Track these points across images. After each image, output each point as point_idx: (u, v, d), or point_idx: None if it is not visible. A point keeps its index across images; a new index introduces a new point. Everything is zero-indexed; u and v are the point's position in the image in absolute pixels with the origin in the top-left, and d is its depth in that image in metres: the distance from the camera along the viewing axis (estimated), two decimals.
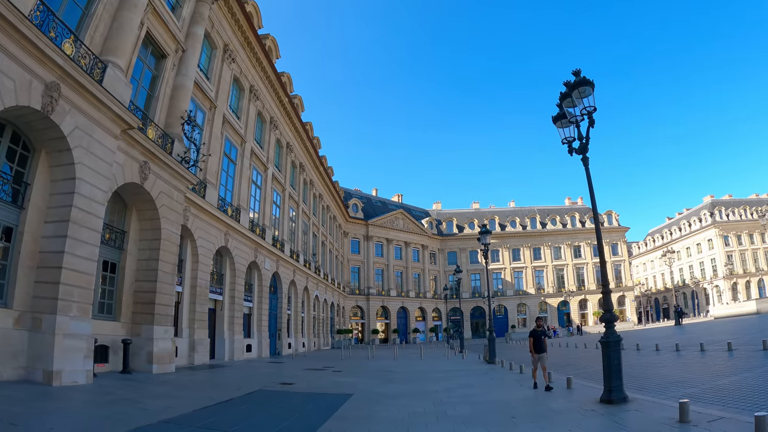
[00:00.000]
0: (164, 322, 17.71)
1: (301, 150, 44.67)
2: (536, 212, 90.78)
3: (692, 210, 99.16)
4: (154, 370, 16.58)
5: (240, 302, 26.92)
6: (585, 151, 10.70)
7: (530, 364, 13.40)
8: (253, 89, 31.26)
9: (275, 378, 16.67)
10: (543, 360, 12.44)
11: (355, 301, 72.27)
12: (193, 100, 23.33)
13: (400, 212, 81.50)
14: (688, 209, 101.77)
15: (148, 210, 18.24)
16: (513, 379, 14.98)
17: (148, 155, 17.46)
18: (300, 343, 39.83)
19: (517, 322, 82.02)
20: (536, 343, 12.70)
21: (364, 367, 22.70)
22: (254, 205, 31.15)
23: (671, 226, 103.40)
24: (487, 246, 24.33)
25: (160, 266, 17.80)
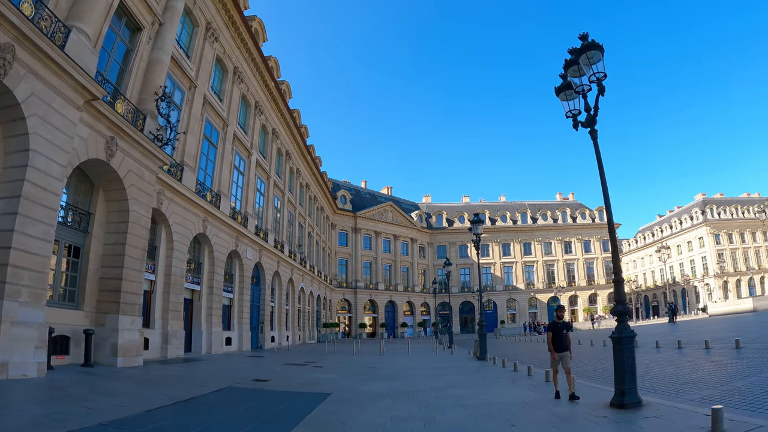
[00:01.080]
0: (131, 312, 16.41)
1: (288, 137, 43.25)
2: (527, 207, 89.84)
3: (684, 208, 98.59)
4: (118, 363, 15.30)
5: (219, 293, 25.60)
6: (593, 123, 9.51)
7: (527, 362, 12.15)
8: (237, 71, 29.85)
9: (250, 374, 15.42)
10: (566, 361, 10.14)
11: (343, 294, 71.01)
12: (171, 77, 21.99)
13: (389, 204, 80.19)
14: (680, 207, 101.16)
15: (115, 190, 16.92)
16: (507, 378, 13.72)
17: (115, 130, 16.13)
18: (284, 336, 38.53)
19: (506, 318, 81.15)
20: (556, 338, 10.33)
21: (348, 363, 21.46)
22: (236, 192, 29.78)
23: (662, 224, 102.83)
24: (478, 236, 23.10)
25: (127, 251, 16.48)
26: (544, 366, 17.89)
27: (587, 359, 19.89)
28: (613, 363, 8.46)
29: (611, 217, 9.08)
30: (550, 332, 10.41)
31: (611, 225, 9.15)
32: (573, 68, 9.96)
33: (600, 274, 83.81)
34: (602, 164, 9.38)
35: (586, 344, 28.72)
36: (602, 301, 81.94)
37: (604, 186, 9.24)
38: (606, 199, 9.18)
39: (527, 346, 35.27)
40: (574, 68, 9.92)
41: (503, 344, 40.56)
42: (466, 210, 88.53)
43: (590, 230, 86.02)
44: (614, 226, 9.17)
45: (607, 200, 9.16)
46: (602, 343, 26.72)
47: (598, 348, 24.84)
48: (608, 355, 20.79)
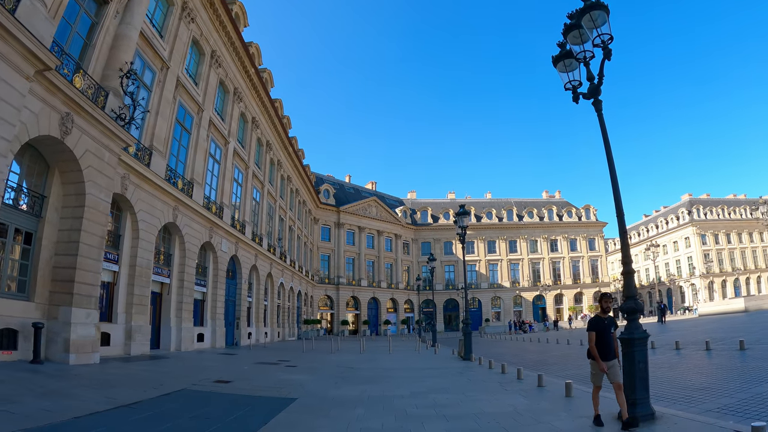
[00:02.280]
0: (86, 304, 14.99)
1: (269, 127, 41.74)
2: (513, 204, 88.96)
3: (670, 208, 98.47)
4: (71, 360, 13.93)
5: (190, 286, 24.19)
6: (597, 93, 8.36)
7: (515, 362, 10.84)
8: (215, 55, 28.37)
9: (214, 373, 14.11)
10: (615, 373, 6.95)
11: (325, 290, 69.59)
12: (141, 56, 20.58)
13: (373, 200, 78.80)
14: (666, 207, 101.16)
15: (71, 172, 15.50)
16: (495, 381, 12.48)
17: (71, 106, 14.72)
18: (262, 333, 37.11)
19: (491, 316, 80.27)
20: (602, 340, 7.17)
21: (324, 362, 20.18)
22: (211, 181, 28.31)
23: (648, 224, 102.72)
24: (464, 230, 21.88)
25: (82, 238, 15.06)
26: (533, 368, 16.66)
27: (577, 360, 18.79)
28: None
29: (619, 198, 7.90)
30: (594, 331, 7.22)
31: (619, 208, 7.96)
32: (573, 33, 8.76)
33: (586, 273, 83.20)
34: (608, 140, 8.23)
35: (575, 344, 27.69)
36: (588, 300, 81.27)
37: (611, 164, 8.08)
38: (613, 177, 8.02)
39: (513, 345, 34.21)
40: (575, 33, 8.73)
41: (488, 343, 39.52)
42: (451, 206, 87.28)
43: (576, 228, 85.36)
44: (622, 210, 7.98)
45: (615, 179, 8.00)
46: None
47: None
48: None
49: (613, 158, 8.03)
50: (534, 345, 31.29)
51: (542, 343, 31.77)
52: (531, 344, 32.52)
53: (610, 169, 8.02)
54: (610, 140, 8.17)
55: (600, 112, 8.31)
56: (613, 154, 8.06)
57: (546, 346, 29.04)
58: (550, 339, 35.31)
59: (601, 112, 8.30)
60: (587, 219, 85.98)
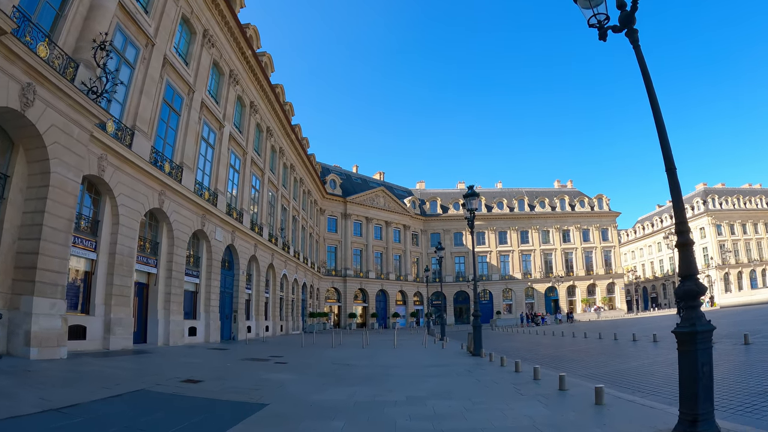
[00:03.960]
0: (51, 294, 13.53)
1: (269, 113, 40.06)
2: (524, 194, 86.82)
3: (684, 198, 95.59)
4: (32, 354, 12.53)
5: (180, 277, 22.67)
6: (631, 22, 6.64)
7: (528, 359, 9.17)
8: (207, 34, 26.72)
9: (189, 371, 12.55)
10: None
11: (332, 282, 68.00)
12: (123, 32, 19.09)
13: (381, 190, 76.99)
14: None
15: (36, 149, 14.04)
16: (507, 382, 10.70)
17: (33, 75, 13.25)
18: (262, 326, 35.60)
19: (502, 308, 78.42)
20: None
21: (319, 358, 18.55)
22: (204, 166, 26.72)
23: (662, 214, 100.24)
24: (472, 213, 20.14)
25: (46, 220, 13.58)
26: (550, 365, 14.90)
27: (599, 357, 17.09)
28: (650, 368, 5.55)
29: (668, 146, 6.20)
30: None
31: (668, 158, 6.25)
32: None
33: (599, 264, 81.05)
34: (649, 76, 6.52)
35: (592, 337, 25.94)
36: (601, 291, 79.28)
37: (655, 106, 6.38)
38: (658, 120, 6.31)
39: (526, 338, 32.43)
40: None
41: (499, 336, 37.75)
42: (461, 196, 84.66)
43: (589, 218, 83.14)
44: (672, 160, 6.27)
45: (660, 122, 6.30)
46: (612, 336, 23.92)
47: (608, 342, 21.94)
48: (624, 352, 17.62)
49: (657, 99, 6.34)
50: (548, 338, 29.53)
51: (557, 337, 30.01)
52: (545, 338, 30.74)
53: (654, 112, 6.34)
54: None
55: (636, 44, 6.60)
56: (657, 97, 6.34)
57: (561, 339, 27.28)
58: (566, 332, 33.58)
59: (637, 44, 6.58)
60: (600, 209, 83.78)
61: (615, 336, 23.56)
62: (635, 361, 13.60)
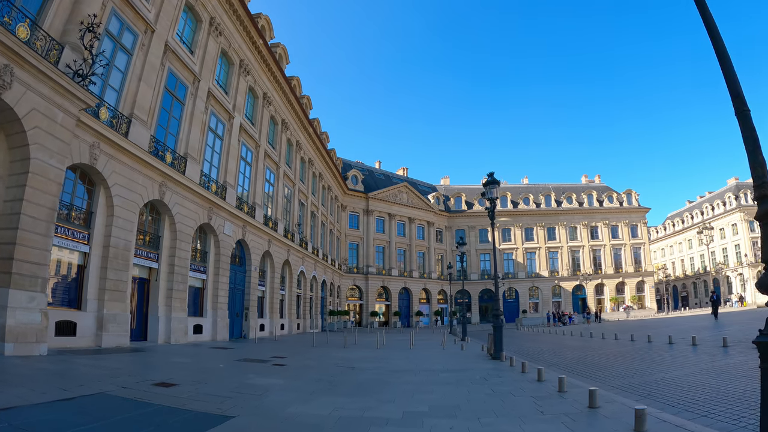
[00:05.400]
0: (29, 286, 12.68)
1: (284, 105, 39.03)
2: (551, 189, 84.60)
3: (715, 193, 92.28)
4: (7, 350, 11.74)
5: (183, 272, 21.73)
6: None
7: (554, 363, 7.98)
8: (214, 22, 25.77)
9: (170, 373, 11.49)
10: None
11: (353, 280, 66.90)
12: (119, 17, 18.24)
13: (404, 186, 75.62)
14: (711, 192, 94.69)
15: (16, 134, 13.19)
16: (527, 395, 9.20)
17: (11, 56, 12.40)
18: (277, 324, 34.61)
19: (528, 307, 76.50)
20: None
21: (324, 360, 17.31)
22: (211, 157, 25.75)
23: (693, 210, 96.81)
24: (493, 202, 18.62)
25: (24, 208, 12.71)
26: (577, 372, 13.56)
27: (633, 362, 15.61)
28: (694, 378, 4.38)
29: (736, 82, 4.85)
30: None
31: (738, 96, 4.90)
32: None
33: (628, 262, 78.43)
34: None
35: (623, 339, 24.28)
36: (630, 290, 76.76)
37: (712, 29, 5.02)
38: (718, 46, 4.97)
39: (552, 339, 30.78)
40: None
41: (524, 337, 36.12)
42: None
43: (618, 214, 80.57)
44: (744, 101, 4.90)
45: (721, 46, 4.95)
46: (645, 339, 22.27)
47: (641, 345, 20.21)
48: (660, 357, 15.76)
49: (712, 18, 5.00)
50: (575, 340, 27.87)
51: (585, 338, 28.31)
52: (572, 339, 29.08)
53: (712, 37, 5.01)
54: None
55: None
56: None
57: (590, 341, 25.62)
58: (594, 332, 31.88)
59: None
60: (629, 204, 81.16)
61: (649, 338, 21.88)
62: (676, 370, 12.06)
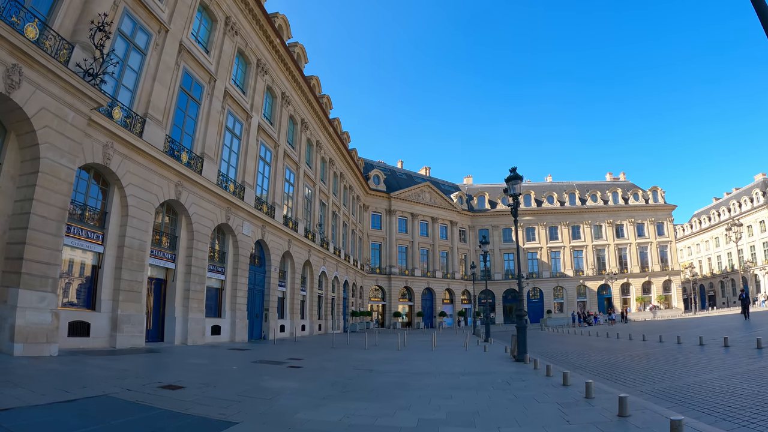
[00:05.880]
0: (39, 286, 12.62)
1: (303, 104, 38.79)
2: (575, 187, 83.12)
3: (743, 189, 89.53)
4: (16, 350, 11.69)
5: (201, 273, 21.59)
6: None
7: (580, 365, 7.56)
8: (229, 22, 25.57)
9: (179, 375, 11.26)
10: None
11: (376, 280, 66.47)
12: (132, 17, 18.19)
13: (426, 185, 74.96)
14: (738, 189, 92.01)
15: (26, 134, 13.19)
16: (552, 401, 8.62)
17: (19, 56, 12.39)
18: (298, 325, 34.41)
19: (553, 307, 75.35)
20: None
21: (342, 361, 16.95)
22: (229, 157, 25.59)
23: (719, 207, 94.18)
24: (516, 199, 18.09)
25: (34, 208, 12.69)
26: (605, 375, 13.00)
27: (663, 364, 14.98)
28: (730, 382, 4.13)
29: None
30: None
31: None
32: None
33: (654, 261, 76.52)
34: None
35: (651, 340, 23.54)
36: (656, 289, 75.03)
37: None
38: None
39: (577, 340, 30.03)
40: None
41: (549, 337, 35.40)
42: None
43: (643, 212, 78.80)
44: None
45: None
46: (674, 339, 21.54)
47: (671, 347, 19.44)
48: (692, 359, 15.08)
49: None
50: (602, 341, 27.14)
51: (611, 339, 27.56)
52: (598, 340, 28.33)
53: None
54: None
55: None
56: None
57: (616, 342, 24.90)
58: (621, 333, 31.06)
59: None
60: (655, 202, 79.30)
61: (678, 339, 21.13)
62: (708, 373, 11.44)
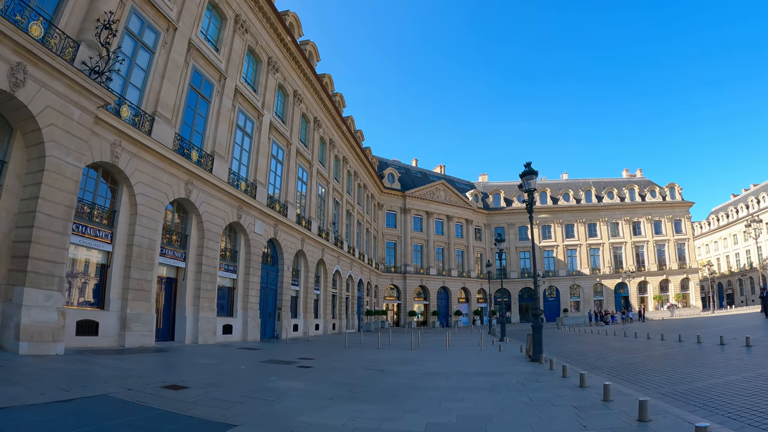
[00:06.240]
0: (45, 284, 12.56)
1: (316, 102, 38.60)
2: (591, 185, 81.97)
3: (761, 185, 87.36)
4: (21, 349, 11.62)
5: (212, 271, 21.47)
6: None
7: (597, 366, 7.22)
8: (239, 20, 25.33)
9: (184, 375, 11.09)
10: None
11: (391, 279, 66.13)
12: (139, 15, 18.16)
13: (441, 183, 74.41)
14: (756, 185, 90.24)
15: (32, 132, 13.15)
16: (568, 404, 8.20)
17: (24, 55, 12.35)
18: (311, 325, 34.23)
19: (569, 306, 74.36)
20: None
21: (353, 361, 16.69)
22: (240, 156, 25.46)
23: (737, 204, 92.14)
24: (531, 194, 17.54)
25: (40, 206, 12.63)
26: (623, 376, 12.56)
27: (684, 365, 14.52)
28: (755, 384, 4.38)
29: None
30: None
31: None
32: None
33: (672, 258, 74.95)
34: None
35: (670, 339, 23.00)
36: (674, 288, 73.69)
37: None
38: None
39: (594, 339, 29.47)
40: None
41: (565, 337, 34.83)
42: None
43: (661, 209, 77.30)
44: None
45: None
46: (694, 339, 20.99)
47: (691, 346, 18.87)
48: (713, 360, 14.52)
49: None
50: (619, 340, 26.59)
51: (629, 338, 26.99)
52: (615, 339, 27.76)
53: None
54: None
55: None
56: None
57: (634, 341, 24.35)
58: (639, 332, 30.46)
59: None
60: (672, 198, 77.77)
61: (698, 338, 20.59)
62: (732, 374, 10.99)
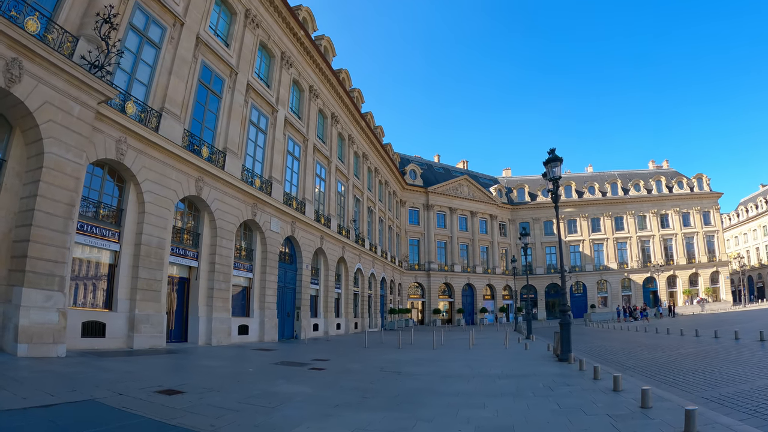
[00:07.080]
0: (45, 285, 12.14)
1: (333, 98, 37.95)
2: (617, 177, 79.87)
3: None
4: (20, 351, 11.22)
5: (225, 271, 20.96)
6: None
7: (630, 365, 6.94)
8: (250, 14, 24.74)
9: (184, 378, 10.52)
10: None
11: (414, 277, 65.27)
12: (144, 10, 17.70)
13: (464, 179, 73.25)
14: None
15: (30, 129, 12.75)
16: (602, 411, 7.40)
17: (19, 50, 11.95)
18: (332, 324, 33.61)
19: (597, 302, 72.61)
20: None
21: (369, 363, 15.91)
22: (254, 152, 24.93)
23: (766, 194, 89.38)
24: (556, 183, 16.56)
25: (38, 204, 12.20)
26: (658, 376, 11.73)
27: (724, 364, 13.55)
28: None
29: None
30: None
31: None
32: None
33: (701, 251, 72.42)
34: None
35: (705, 335, 21.85)
36: (704, 281, 71.30)
37: None
38: None
39: (623, 336, 28.32)
40: None
41: (593, 333, 33.67)
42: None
43: (689, 201, 74.86)
44: None
45: None
46: (731, 335, 19.85)
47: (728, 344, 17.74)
48: (755, 358, 13.54)
49: None
50: (650, 337, 25.45)
51: (661, 335, 25.83)
52: (646, 336, 26.61)
53: None
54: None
55: None
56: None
57: (667, 338, 23.20)
58: (671, 328, 29.22)
59: None
60: (700, 189, 75.23)
61: (736, 334, 19.46)
62: None
